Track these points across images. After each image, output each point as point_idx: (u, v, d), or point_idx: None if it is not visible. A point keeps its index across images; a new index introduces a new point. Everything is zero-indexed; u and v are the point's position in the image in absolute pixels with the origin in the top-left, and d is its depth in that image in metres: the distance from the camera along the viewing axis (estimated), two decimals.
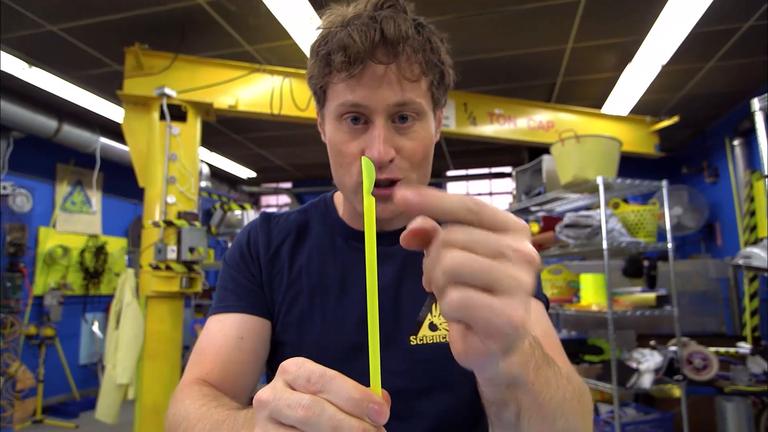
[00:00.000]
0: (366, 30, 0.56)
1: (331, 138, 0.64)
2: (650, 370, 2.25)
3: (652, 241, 2.41)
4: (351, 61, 0.57)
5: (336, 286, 0.70)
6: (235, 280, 0.72)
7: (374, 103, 0.58)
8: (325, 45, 0.60)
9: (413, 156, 0.62)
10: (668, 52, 3.27)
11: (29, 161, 4.39)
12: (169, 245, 2.62)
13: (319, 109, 0.68)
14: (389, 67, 0.58)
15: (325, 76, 0.61)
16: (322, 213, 0.77)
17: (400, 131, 0.61)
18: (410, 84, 0.59)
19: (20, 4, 2.79)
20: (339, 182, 0.66)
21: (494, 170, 6.61)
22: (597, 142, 2.50)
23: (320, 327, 0.69)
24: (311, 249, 0.74)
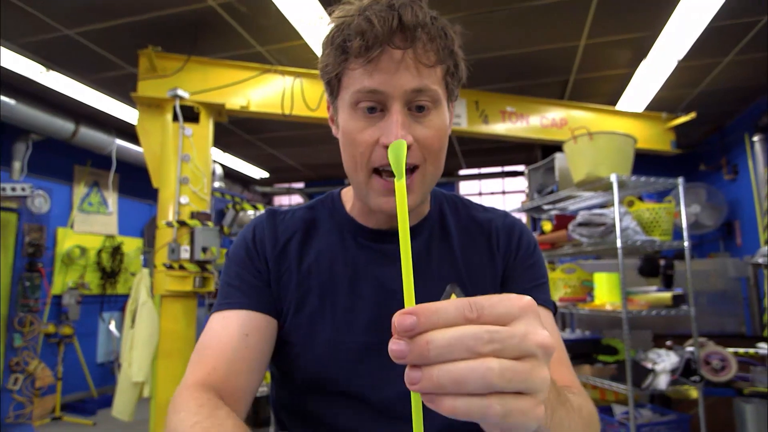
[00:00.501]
0: (384, 15, 0.57)
1: (344, 127, 0.63)
2: (666, 370, 2.20)
3: (668, 240, 2.36)
4: (369, 45, 0.57)
5: (346, 285, 0.69)
6: (239, 277, 0.70)
7: (392, 88, 0.58)
8: (340, 33, 0.60)
9: (430, 145, 0.61)
10: (684, 46, 3.21)
11: (48, 163, 4.48)
12: (183, 245, 2.65)
13: (332, 101, 0.67)
14: (406, 52, 0.58)
15: (341, 63, 0.61)
16: (330, 210, 0.76)
17: (416, 119, 0.61)
18: (427, 70, 0.59)
19: (38, 9, 2.84)
20: (352, 173, 0.65)
21: (507, 169, 6.55)
22: (610, 139, 2.46)
23: (331, 327, 0.68)
24: (320, 247, 0.72)
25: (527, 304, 0.31)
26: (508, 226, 0.76)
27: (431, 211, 0.76)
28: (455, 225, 0.76)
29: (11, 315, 3.31)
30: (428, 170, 0.63)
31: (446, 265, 0.72)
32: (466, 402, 0.28)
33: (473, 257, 0.73)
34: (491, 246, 0.74)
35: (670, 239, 2.38)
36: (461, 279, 0.71)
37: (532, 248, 0.76)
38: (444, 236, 0.74)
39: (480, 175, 6.74)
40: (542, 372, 0.30)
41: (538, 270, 0.74)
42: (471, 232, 0.76)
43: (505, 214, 0.79)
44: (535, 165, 3.40)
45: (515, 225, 0.77)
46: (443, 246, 0.73)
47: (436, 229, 0.75)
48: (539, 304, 0.69)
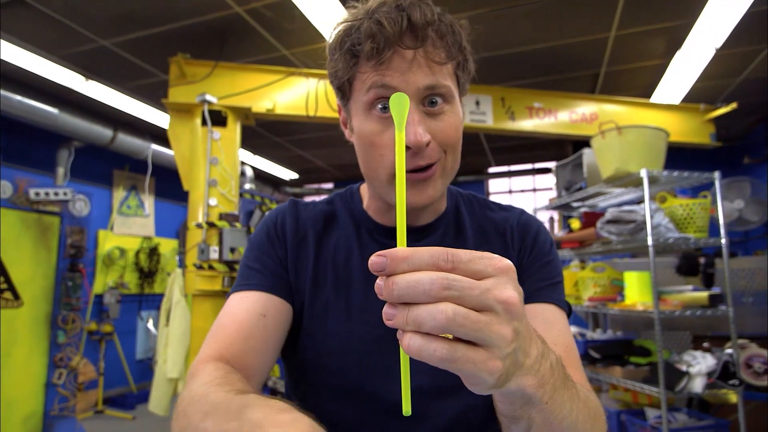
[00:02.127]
0: (394, 17, 0.58)
1: (360, 131, 0.64)
2: (702, 373, 2.11)
3: (703, 237, 2.26)
4: (380, 47, 0.58)
5: (361, 279, 0.70)
6: (259, 260, 0.71)
7: (405, 86, 0.59)
8: (349, 37, 0.61)
9: (447, 139, 0.62)
10: (722, 34, 3.06)
11: (89, 168, 4.71)
12: (212, 246, 2.73)
13: (344, 105, 0.68)
14: (417, 51, 0.59)
15: (352, 67, 0.62)
16: (348, 204, 0.77)
17: (431, 115, 0.61)
18: (438, 67, 0.60)
19: (76, 23, 2.99)
20: (371, 176, 0.66)
21: (537, 166, 6.42)
22: (640, 133, 2.37)
23: (345, 318, 0.69)
24: (337, 240, 0.74)
25: (505, 266, 0.33)
26: (523, 224, 0.76)
27: (447, 209, 0.76)
28: (471, 223, 0.76)
29: (55, 313, 3.50)
30: (448, 163, 0.64)
31: None
32: (419, 341, 0.31)
33: None
34: (506, 244, 0.74)
35: (705, 236, 2.27)
36: None
37: (548, 247, 0.74)
38: (459, 234, 0.74)
39: (510, 172, 6.63)
40: (500, 328, 0.32)
41: (552, 269, 0.72)
42: (486, 230, 0.75)
43: (521, 212, 0.78)
44: (562, 161, 3.32)
45: (530, 223, 0.76)
46: (457, 244, 0.73)
47: (451, 227, 0.75)
48: (552, 303, 0.68)
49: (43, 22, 2.97)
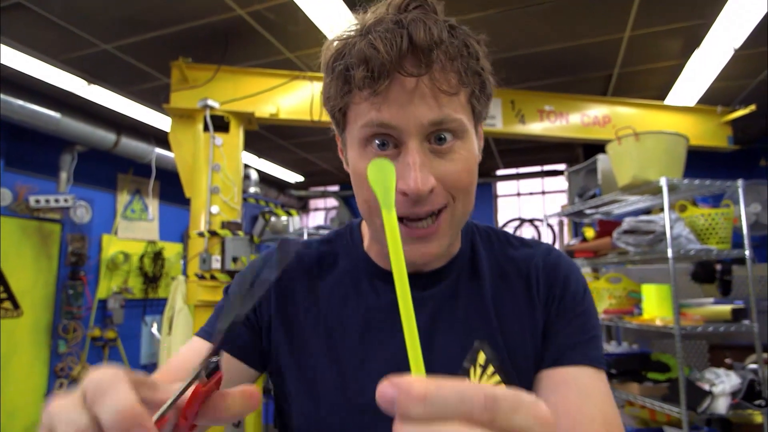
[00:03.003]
0: (391, 37, 0.48)
1: (355, 168, 0.55)
2: (726, 393, 2.00)
3: (726, 248, 2.15)
4: (375, 75, 0.48)
5: (356, 334, 0.60)
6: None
7: (405, 122, 0.49)
8: (342, 59, 0.52)
9: (456, 183, 0.53)
10: (742, 34, 2.94)
11: (92, 173, 4.66)
12: (214, 255, 2.66)
13: (339, 133, 0.60)
14: (421, 79, 0.49)
15: (345, 96, 0.53)
16: (347, 245, 0.68)
17: (437, 154, 0.52)
18: (447, 98, 0.50)
19: (78, 26, 2.93)
20: (367, 218, 0.58)
21: (546, 168, 6.30)
22: (659, 139, 2.27)
23: (337, 383, 0.59)
24: (331, 287, 0.64)
25: (550, 421, 0.24)
26: (550, 265, 0.64)
27: (462, 249, 0.65)
28: (488, 264, 0.65)
29: (56, 322, 3.45)
30: (457, 209, 0.55)
31: (475, 314, 0.61)
32: None
33: (508, 304, 0.62)
34: (530, 290, 0.63)
35: (728, 247, 2.17)
36: (491, 332, 0.60)
37: (581, 293, 0.63)
38: (474, 278, 0.63)
39: (518, 175, 6.52)
40: None
41: (587, 320, 0.61)
42: (506, 273, 0.64)
43: (548, 250, 0.66)
44: (575, 167, 3.21)
45: (560, 264, 0.65)
46: (473, 290, 0.62)
47: (466, 270, 0.64)
48: (588, 365, 0.58)
49: (43, 26, 2.91)
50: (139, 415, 0.26)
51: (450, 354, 0.58)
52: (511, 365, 0.58)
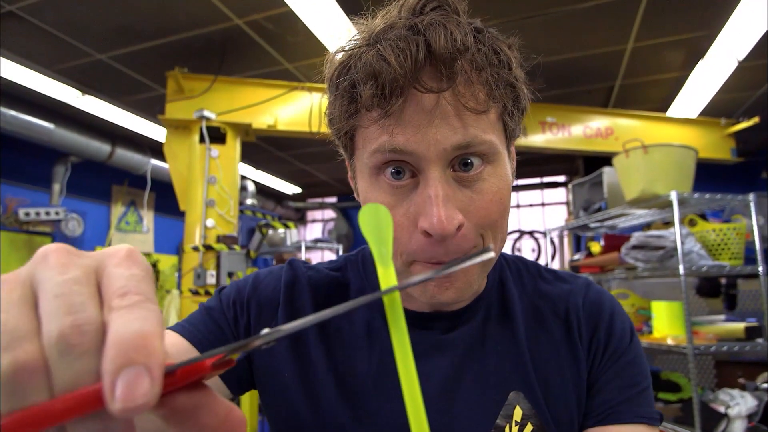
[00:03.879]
0: (405, 45, 0.40)
1: (366, 200, 0.47)
2: (742, 416, 1.92)
3: (739, 264, 2.09)
4: (386, 93, 0.40)
5: (370, 382, 0.52)
6: (210, 313, 0.55)
7: (424, 147, 0.41)
8: (347, 74, 0.44)
9: (487, 217, 0.44)
10: (746, 46, 2.91)
11: (86, 184, 4.57)
12: (209, 270, 2.58)
13: (348, 158, 0.52)
14: (442, 95, 0.41)
15: (351, 117, 0.45)
16: (360, 276, 0.58)
17: (463, 183, 0.44)
18: (474, 116, 0.42)
19: (71, 36, 2.87)
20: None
21: (546, 180, 6.26)
22: (668, 152, 2.21)
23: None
24: (342, 324, 0.55)
25: None
26: (592, 304, 0.56)
27: (489, 284, 0.56)
28: (520, 302, 0.56)
29: None
30: (490, 248, 0.45)
31: (508, 361, 0.52)
32: None
33: (545, 350, 0.53)
34: (570, 333, 0.54)
35: (741, 263, 2.10)
36: (528, 383, 0.51)
37: (628, 337, 0.55)
38: (504, 318, 0.55)
39: (517, 186, 6.47)
40: None
41: (638, 370, 0.53)
42: (541, 312, 0.56)
43: (587, 285, 0.58)
44: (579, 180, 3.16)
45: (603, 302, 0.56)
46: (504, 333, 0.54)
47: (494, 309, 0.55)
48: (642, 423, 0.50)
49: (37, 36, 2.85)
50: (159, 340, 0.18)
51: (479, 408, 0.50)
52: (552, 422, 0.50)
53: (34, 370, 0.18)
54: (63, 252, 0.21)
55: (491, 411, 0.50)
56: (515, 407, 0.50)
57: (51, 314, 0.19)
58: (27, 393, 0.18)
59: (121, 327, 0.18)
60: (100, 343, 0.18)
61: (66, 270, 0.20)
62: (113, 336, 0.18)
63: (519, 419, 0.50)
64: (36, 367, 0.18)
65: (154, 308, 0.20)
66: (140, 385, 0.17)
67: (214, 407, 0.20)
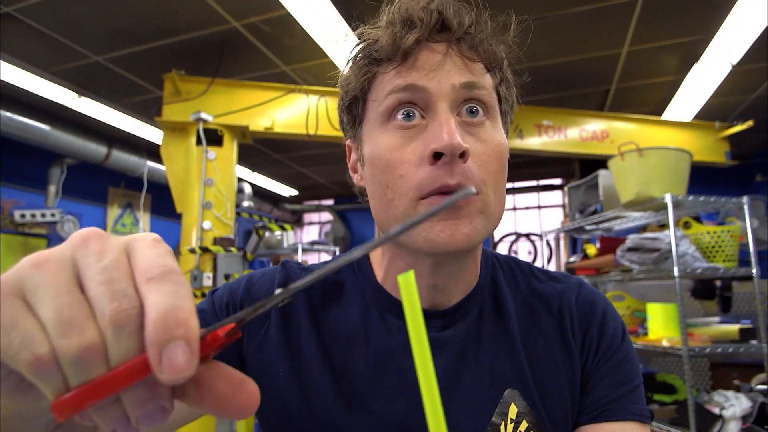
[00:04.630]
0: (421, 12, 0.47)
1: (373, 151, 0.49)
2: (736, 417, 1.93)
3: (733, 267, 2.10)
4: (402, 36, 0.46)
5: (366, 379, 0.52)
6: (202, 315, 0.54)
7: (435, 84, 0.46)
8: (367, 45, 0.50)
9: (488, 163, 0.47)
10: (740, 50, 2.94)
11: (82, 186, 4.56)
12: (205, 272, 2.57)
13: (353, 133, 0.54)
14: (450, 48, 0.47)
15: (368, 73, 0.49)
16: (353, 273, 0.59)
17: (469, 127, 0.47)
18: (478, 67, 0.48)
19: (68, 38, 2.87)
20: (386, 215, 0.49)
21: (542, 183, 6.29)
22: (662, 155, 2.23)
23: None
24: (335, 323, 0.55)
25: None
26: (585, 303, 0.57)
27: (482, 281, 0.57)
28: (513, 300, 0.57)
29: None
30: (489, 198, 0.47)
31: (503, 359, 0.53)
32: None
33: (540, 348, 0.54)
34: (564, 332, 0.55)
35: (735, 266, 2.12)
36: (524, 380, 0.52)
37: (620, 336, 0.56)
38: (499, 317, 0.55)
39: (514, 189, 6.49)
40: None
41: (629, 367, 0.54)
42: (535, 310, 0.57)
43: (579, 285, 0.59)
44: (575, 183, 3.18)
45: (596, 301, 0.57)
46: (499, 331, 0.55)
47: (488, 306, 0.56)
48: (634, 420, 0.51)
49: (34, 38, 2.85)
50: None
51: (475, 406, 0.51)
52: (547, 419, 0.51)
53: (96, 349, 0.21)
54: (100, 237, 0.24)
55: (487, 409, 0.51)
56: (510, 405, 0.51)
57: (100, 300, 0.21)
58: (91, 368, 0.21)
59: (159, 303, 0.21)
60: (141, 321, 0.21)
61: (104, 255, 0.23)
62: (152, 313, 0.21)
63: (514, 417, 0.50)
64: (98, 346, 0.21)
65: (183, 281, 0.22)
66: (182, 356, 0.20)
67: (228, 376, 0.22)
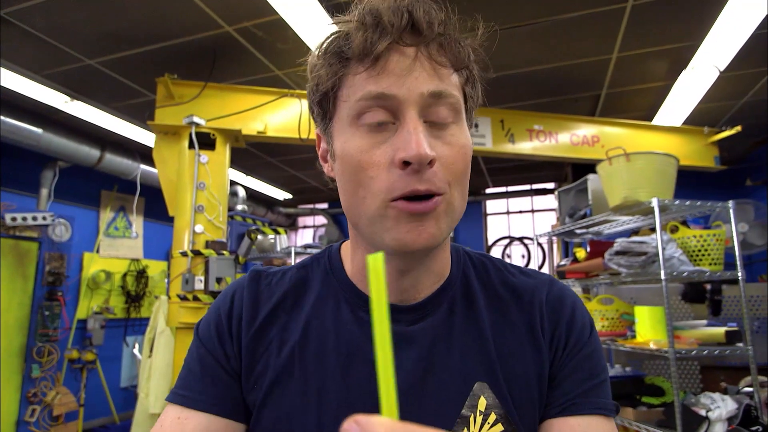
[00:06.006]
0: (392, 12, 0.47)
1: (343, 151, 0.50)
2: (722, 418, 1.96)
3: (719, 270, 2.13)
4: (374, 41, 0.46)
5: (338, 370, 0.54)
6: (203, 362, 0.56)
7: (405, 92, 0.47)
8: (337, 40, 0.50)
9: (454, 166, 0.49)
10: (727, 56, 2.98)
11: (74, 189, 4.55)
12: (197, 275, 2.58)
13: (324, 127, 0.55)
14: (419, 52, 0.48)
15: (338, 72, 0.49)
16: (325, 270, 0.61)
17: (435, 131, 0.49)
18: (446, 73, 0.49)
19: (61, 42, 2.88)
20: (356, 210, 0.51)
21: (536, 186, 6.33)
22: (649, 159, 2.26)
23: (317, 426, 0.52)
24: (308, 318, 0.57)
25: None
26: (555, 298, 0.59)
27: (452, 274, 0.58)
28: (484, 294, 0.59)
29: (30, 345, 3.30)
30: (454, 198, 0.50)
31: (473, 353, 0.54)
32: None
33: (509, 341, 0.56)
34: (533, 326, 0.57)
35: (721, 269, 2.15)
36: (493, 371, 0.54)
37: (588, 331, 0.57)
38: (470, 310, 0.57)
39: (507, 193, 6.53)
40: None
41: (596, 363, 0.56)
42: (505, 304, 0.58)
43: (550, 281, 0.60)
44: (565, 187, 3.20)
45: (564, 297, 0.59)
46: (469, 324, 0.56)
47: (459, 299, 0.58)
48: (599, 414, 0.53)
49: (26, 41, 2.85)
50: None
51: (445, 398, 0.52)
52: (515, 412, 0.53)
53: None
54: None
55: (457, 401, 0.52)
56: (480, 397, 0.52)
57: None
58: None
59: None
60: None
61: None
62: None
63: (483, 409, 0.52)
64: None
65: None
66: None
67: None
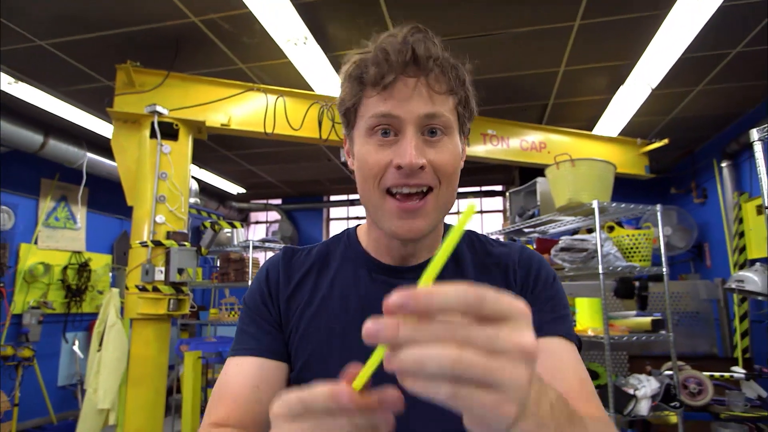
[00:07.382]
0: (399, 48, 0.61)
1: (359, 153, 0.66)
2: (647, 396, 2.22)
3: (647, 266, 2.40)
4: (384, 73, 0.61)
5: (358, 320, 0.66)
6: (254, 322, 0.72)
7: (406, 113, 0.61)
8: (357, 67, 0.64)
9: (443, 167, 0.63)
10: (659, 75, 3.32)
11: (13, 176, 4.29)
12: (157, 266, 2.55)
13: (348, 132, 0.70)
14: (419, 80, 0.61)
15: (358, 93, 0.64)
16: (344, 244, 0.77)
17: (429, 144, 0.63)
18: (440, 97, 0.62)
19: (9, 19, 2.74)
20: (367, 197, 0.66)
21: (485, 188, 6.62)
22: (592, 165, 2.50)
23: (339, 365, 0.64)
24: (332, 280, 0.73)
25: (524, 311, 0.31)
26: (525, 259, 0.74)
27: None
28: (471, 261, 0.74)
29: None
30: (442, 193, 0.64)
31: None
32: (424, 383, 0.30)
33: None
34: (508, 281, 0.72)
35: (649, 265, 2.42)
36: None
37: (551, 280, 0.73)
38: (458, 273, 0.72)
39: (458, 194, 6.77)
40: (514, 371, 0.30)
41: (557, 302, 0.71)
42: (487, 267, 0.74)
43: (521, 248, 0.77)
44: (516, 188, 3.43)
45: (533, 258, 0.75)
46: (456, 277, 0.71)
47: (450, 265, 0.73)
48: (561, 336, 0.67)
49: None
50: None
51: None
52: None
53: None
54: None
55: None
56: None
57: None
58: None
59: None
60: None
61: None
62: None
63: None
64: None
65: None
66: None
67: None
